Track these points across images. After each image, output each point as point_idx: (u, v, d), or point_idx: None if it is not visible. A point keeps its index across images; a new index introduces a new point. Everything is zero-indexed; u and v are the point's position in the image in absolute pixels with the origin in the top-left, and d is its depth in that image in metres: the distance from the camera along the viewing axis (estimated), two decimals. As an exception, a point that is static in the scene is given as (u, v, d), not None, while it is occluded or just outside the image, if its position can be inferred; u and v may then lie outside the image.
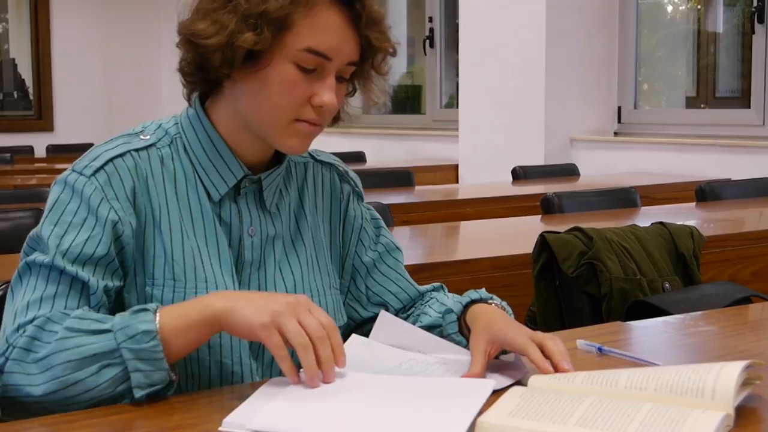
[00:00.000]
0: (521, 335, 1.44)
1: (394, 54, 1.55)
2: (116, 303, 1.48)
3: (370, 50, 1.50)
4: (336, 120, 1.61)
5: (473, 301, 1.59)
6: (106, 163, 1.46)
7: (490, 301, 1.60)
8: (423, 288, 1.74)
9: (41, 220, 1.46)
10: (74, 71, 9.57)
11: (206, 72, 1.48)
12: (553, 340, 1.44)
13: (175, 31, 1.51)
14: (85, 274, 1.40)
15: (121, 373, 1.32)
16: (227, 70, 1.46)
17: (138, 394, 1.32)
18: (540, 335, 1.45)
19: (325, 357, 1.33)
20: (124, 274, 1.47)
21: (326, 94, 1.46)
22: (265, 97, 1.47)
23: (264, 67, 1.45)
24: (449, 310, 1.59)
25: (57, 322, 1.35)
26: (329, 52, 1.45)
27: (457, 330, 1.57)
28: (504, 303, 1.65)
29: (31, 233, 1.46)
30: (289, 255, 1.60)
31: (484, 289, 1.66)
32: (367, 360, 1.50)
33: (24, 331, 1.35)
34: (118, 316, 1.35)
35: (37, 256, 1.41)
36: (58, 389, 1.32)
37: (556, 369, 1.40)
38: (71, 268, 1.40)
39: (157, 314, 1.34)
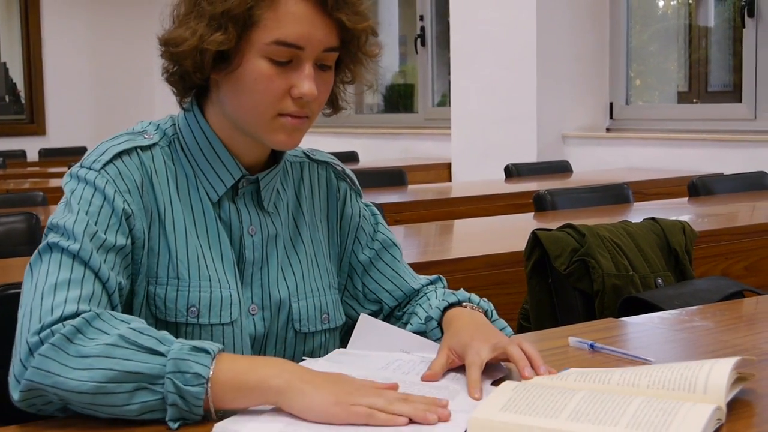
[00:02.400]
0: (474, 353, 1.42)
1: (374, 33, 1.54)
2: (125, 301, 1.47)
3: (348, 33, 1.49)
4: (336, 109, 1.62)
5: (451, 305, 1.61)
6: (115, 157, 1.47)
7: (465, 304, 1.61)
8: (420, 282, 1.74)
9: (57, 212, 1.44)
10: (66, 75, 9.56)
11: (186, 78, 1.49)
12: (513, 346, 1.42)
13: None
14: (105, 270, 1.38)
15: (155, 401, 1.26)
16: (200, 75, 1.47)
17: (173, 426, 1.26)
18: (502, 343, 1.44)
19: (422, 401, 1.26)
20: (135, 272, 1.47)
21: (304, 85, 1.45)
22: (244, 96, 1.47)
23: (237, 67, 1.46)
24: (429, 318, 1.61)
25: (107, 322, 1.31)
26: (299, 42, 1.44)
27: (440, 336, 1.58)
28: (483, 301, 1.65)
29: (48, 223, 1.43)
30: (290, 255, 1.61)
31: (462, 290, 1.66)
32: (355, 363, 1.50)
33: (69, 319, 1.30)
34: (178, 343, 1.29)
35: (61, 240, 1.38)
36: (88, 392, 1.26)
37: (522, 374, 1.39)
38: (95, 260, 1.37)
39: (216, 361, 1.28)
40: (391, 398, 1.25)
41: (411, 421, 1.24)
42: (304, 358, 1.57)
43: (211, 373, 1.26)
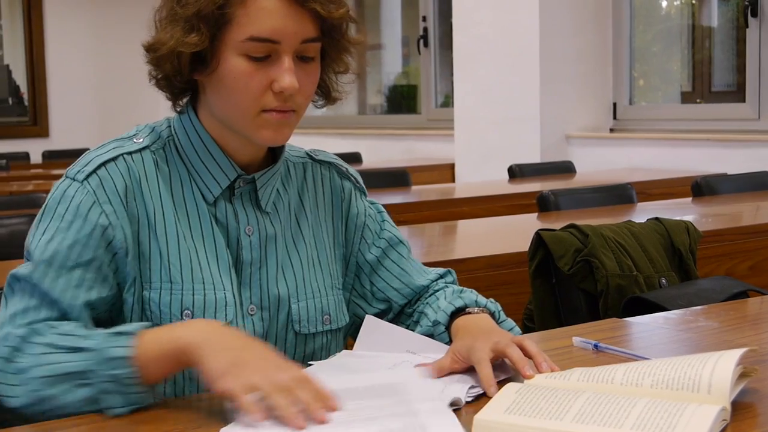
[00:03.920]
0: (479, 351, 1.42)
1: (353, 20, 1.53)
2: (115, 308, 1.48)
3: (326, 23, 1.48)
4: (330, 100, 1.61)
5: (458, 309, 1.61)
6: (98, 167, 1.48)
7: (470, 309, 1.61)
8: (429, 277, 1.73)
9: (32, 228, 1.48)
10: (69, 77, 9.57)
11: (169, 82, 1.50)
12: (512, 347, 1.42)
13: None
14: (60, 290, 1.41)
15: (95, 394, 1.31)
16: (180, 78, 1.48)
17: (113, 413, 1.31)
18: (502, 343, 1.43)
19: (307, 398, 1.24)
20: (122, 281, 1.47)
21: (284, 79, 1.45)
22: (226, 95, 1.47)
23: (216, 67, 1.46)
24: (437, 322, 1.61)
25: (42, 334, 1.36)
26: (273, 36, 1.44)
27: (448, 340, 1.59)
28: (490, 302, 1.65)
29: (26, 239, 1.48)
30: (291, 255, 1.61)
31: (469, 291, 1.66)
32: (361, 364, 1.50)
33: (8, 341, 1.36)
34: (99, 335, 1.34)
35: (20, 269, 1.44)
36: (33, 403, 1.33)
37: (523, 374, 1.39)
38: (50, 284, 1.41)
39: (136, 338, 1.33)
40: (279, 385, 1.24)
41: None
42: (310, 363, 1.56)
43: (132, 352, 1.31)
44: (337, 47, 1.54)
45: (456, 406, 1.31)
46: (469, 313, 1.61)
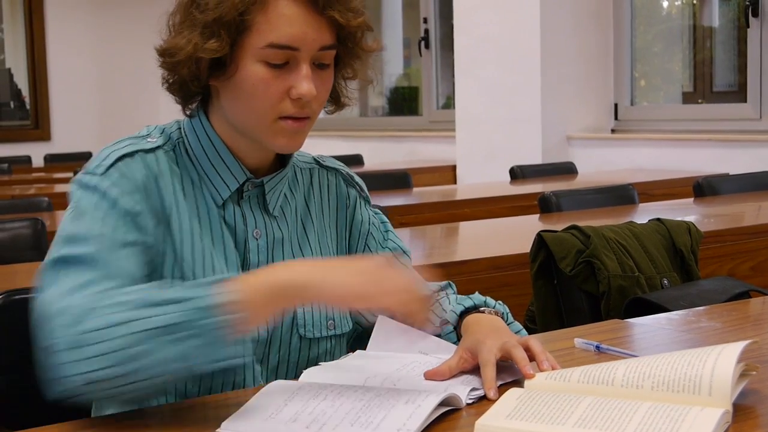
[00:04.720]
0: (486, 350, 1.42)
1: (370, 28, 1.53)
2: None
3: (343, 30, 1.48)
4: (339, 106, 1.61)
5: (467, 310, 1.62)
6: (117, 161, 1.46)
7: (482, 308, 1.62)
8: (430, 288, 1.73)
9: (64, 223, 1.42)
10: (70, 80, 9.58)
11: (185, 87, 1.49)
12: (517, 348, 1.42)
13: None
14: (115, 265, 1.37)
15: (186, 349, 1.25)
16: (197, 83, 1.47)
17: (201, 369, 1.27)
18: (509, 344, 1.43)
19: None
20: (151, 271, 1.45)
21: (303, 85, 1.45)
22: (244, 101, 1.47)
23: (234, 73, 1.46)
24: (445, 321, 1.61)
25: (113, 297, 1.29)
26: (293, 43, 1.44)
27: (456, 340, 1.59)
28: (499, 304, 1.66)
29: (56, 236, 1.42)
30: (297, 259, 1.60)
31: (477, 293, 1.66)
32: (372, 365, 1.51)
33: (72, 309, 1.27)
34: (184, 286, 1.28)
35: (71, 249, 1.37)
36: (115, 364, 1.23)
37: (525, 373, 1.39)
38: (105, 259, 1.36)
39: (236, 283, 1.28)
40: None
41: None
42: (320, 363, 1.56)
43: (239, 296, 1.27)
44: (350, 54, 1.54)
45: (455, 406, 1.31)
46: (482, 311, 1.61)
